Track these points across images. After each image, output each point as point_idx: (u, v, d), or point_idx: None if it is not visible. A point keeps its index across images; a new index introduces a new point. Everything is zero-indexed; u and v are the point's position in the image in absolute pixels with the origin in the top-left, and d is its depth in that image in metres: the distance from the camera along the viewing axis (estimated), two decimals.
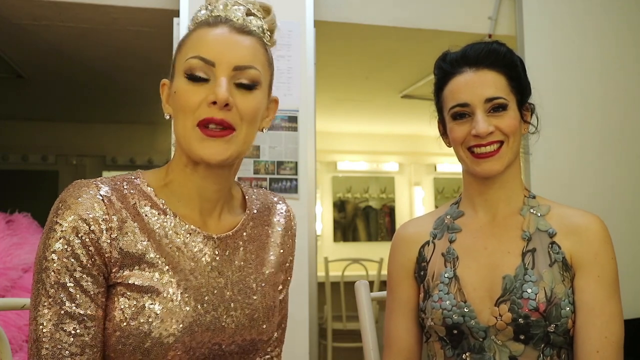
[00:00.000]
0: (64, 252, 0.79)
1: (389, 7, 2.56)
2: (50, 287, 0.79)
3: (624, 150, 2.57)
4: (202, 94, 0.84)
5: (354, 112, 4.67)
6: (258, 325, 0.92)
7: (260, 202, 1.03)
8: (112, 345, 0.82)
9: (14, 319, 1.80)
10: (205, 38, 0.87)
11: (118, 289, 0.83)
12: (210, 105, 0.84)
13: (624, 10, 2.65)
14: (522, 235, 1.07)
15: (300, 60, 2.19)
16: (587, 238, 1.04)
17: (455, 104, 1.07)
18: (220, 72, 0.85)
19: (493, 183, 1.09)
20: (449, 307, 1.05)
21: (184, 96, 0.85)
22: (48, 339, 0.78)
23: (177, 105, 0.87)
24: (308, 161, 2.17)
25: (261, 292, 0.94)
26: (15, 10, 2.45)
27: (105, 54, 3.07)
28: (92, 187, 0.84)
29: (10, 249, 1.93)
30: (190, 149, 0.85)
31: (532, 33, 2.51)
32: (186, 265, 0.87)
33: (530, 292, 1.00)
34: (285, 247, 1.03)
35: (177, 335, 0.82)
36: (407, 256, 1.16)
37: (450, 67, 1.10)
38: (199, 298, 0.85)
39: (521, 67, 1.11)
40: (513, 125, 1.05)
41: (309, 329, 2.09)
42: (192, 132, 0.85)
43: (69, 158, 4.95)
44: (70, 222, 0.80)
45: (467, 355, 1.04)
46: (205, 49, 0.86)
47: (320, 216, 5.25)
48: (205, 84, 0.85)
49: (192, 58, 0.86)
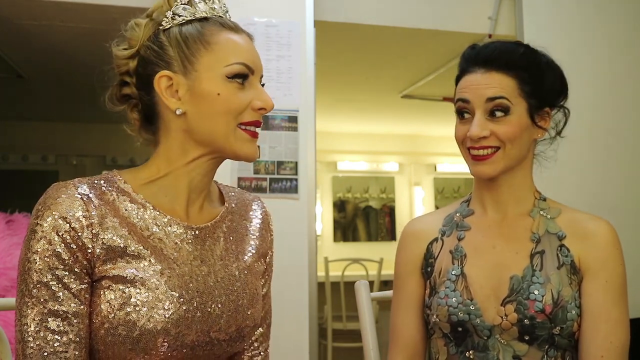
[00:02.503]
0: (45, 252, 0.81)
1: (389, 7, 2.56)
2: (33, 287, 0.81)
3: (627, 150, 2.57)
4: (246, 98, 0.91)
5: (354, 112, 4.67)
6: (243, 311, 0.94)
7: (237, 199, 1.05)
8: (102, 338, 0.83)
9: (15, 319, 1.80)
10: (240, 45, 0.93)
11: (103, 283, 0.84)
12: (256, 110, 0.91)
13: (624, 9, 2.65)
14: (531, 236, 1.07)
15: (300, 60, 2.19)
16: (597, 243, 1.04)
17: (457, 98, 1.08)
18: (257, 78, 0.94)
19: (500, 184, 1.09)
20: (454, 304, 1.05)
21: (231, 99, 0.90)
22: (33, 337, 0.80)
23: (217, 106, 0.90)
24: (308, 161, 2.17)
25: (244, 280, 0.96)
26: (16, 10, 2.45)
27: (105, 54, 3.06)
28: (70, 187, 0.85)
29: (10, 249, 1.94)
30: (232, 148, 0.91)
31: (532, 33, 2.51)
32: (169, 254, 0.88)
33: (537, 294, 1.00)
34: (264, 240, 1.05)
35: (164, 322, 0.83)
36: (415, 252, 1.16)
37: (465, 64, 1.10)
38: (183, 286, 0.87)
39: (546, 68, 1.08)
40: (511, 132, 1.03)
41: (309, 329, 2.08)
42: (236, 132, 0.91)
43: (69, 158, 4.95)
44: (50, 222, 0.82)
45: (470, 353, 1.04)
46: (245, 56, 0.92)
47: (320, 216, 5.25)
48: (244, 88, 0.92)
49: (237, 64, 0.90)
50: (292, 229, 2.11)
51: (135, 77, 0.96)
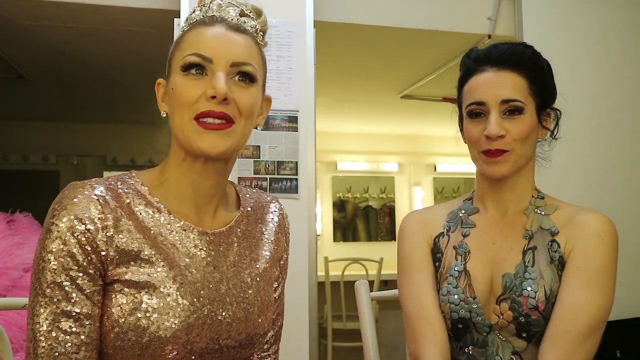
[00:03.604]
0: (60, 252, 0.81)
1: (389, 7, 2.56)
2: (47, 286, 0.81)
3: (627, 150, 2.57)
4: (200, 88, 0.87)
5: (354, 112, 4.67)
6: (254, 319, 0.93)
7: (254, 201, 1.04)
8: (111, 342, 0.83)
9: (15, 318, 1.81)
10: (203, 36, 0.89)
11: (115, 286, 0.84)
12: (209, 99, 0.86)
13: (625, 8, 2.65)
14: (524, 233, 1.07)
15: (300, 61, 2.20)
16: (582, 232, 1.04)
17: (472, 101, 1.08)
18: (218, 67, 0.87)
19: (504, 184, 1.10)
20: (456, 301, 1.05)
21: (182, 91, 0.87)
22: (45, 337, 0.80)
23: (174, 100, 0.88)
24: (308, 161, 2.17)
25: (256, 287, 0.95)
26: (16, 10, 2.46)
27: (105, 54, 3.07)
28: (87, 187, 0.85)
29: (11, 249, 1.94)
30: (189, 142, 0.87)
31: (532, 33, 2.51)
32: (181, 261, 0.88)
33: (529, 290, 1.01)
34: (279, 243, 1.05)
35: (174, 329, 0.83)
36: (427, 239, 1.15)
37: (474, 64, 1.10)
38: (195, 293, 0.86)
39: (547, 70, 1.11)
40: (525, 131, 1.05)
41: (309, 329, 2.09)
42: (190, 125, 0.87)
43: (70, 158, 4.95)
44: (66, 222, 0.81)
45: (470, 348, 1.05)
46: (202, 46, 0.88)
47: (320, 216, 5.24)
48: (203, 79, 0.87)
49: (190, 55, 0.88)
50: (292, 228, 2.09)
51: None
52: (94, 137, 4.92)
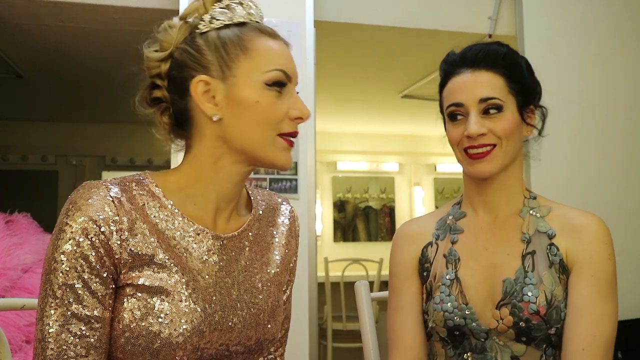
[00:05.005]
0: (73, 254, 0.79)
1: (389, 7, 2.56)
2: (58, 288, 0.79)
3: (626, 150, 2.57)
4: (284, 107, 0.89)
5: (354, 112, 4.67)
6: (263, 325, 0.92)
7: (265, 203, 1.03)
8: (121, 346, 0.82)
9: (14, 319, 1.80)
10: (276, 51, 0.91)
11: (127, 290, 0.83)
12: (293, 120, 0.89)
13: (624, 9, 2.65)
14: (522, 237, 1.06)
15: (300, 60, 2.19)
16: (584, 237, 1.03)
17: (450, 103, 1.08)
18: (293, 86, 0.91)
19: (491, 184, 1.09)
20: (450, 309, 1.04)
21: (271, 109, 0.88)
22: (54, 339, 0.79)
23: (257, 114, 0.87)
24: (308, 161, 2.16)
25: (266, 292, 0.94)
26: (15, 10, 2.45)
27: (105, 54, 3.06)
28: (102, 188, 0.83)
29: (9, 249, 1.93)
30: (269, 155, 0.89)
31: (532, 33, 2.51)
32: (194, 265, 0.87)
33: (530, 295, 1.00)
34: (290, 247, 1.04)
35: (186, 335, 0.82)
36: (412, 254, 1.15)
37: (450, 67, 1.10)
38: (207, 298, 0.86)
39: (526, 68, 1.10)
40: (507, 129, 1.04)
41: (309, 329, 2.09)
42: (273, 141, 0.88)
43: (69, 158, 4.95)
44: (80, 223, 0.80)
45: (468, 355, 1.04)
46: (282, 63, 0.90)
47: (320, 216, 5.24)
48: (282, 96, 0.89)
49: (277, 71, 0.88)
50: None
51: (167, 80, 0.92)
52: (93, 137, 4.92)
